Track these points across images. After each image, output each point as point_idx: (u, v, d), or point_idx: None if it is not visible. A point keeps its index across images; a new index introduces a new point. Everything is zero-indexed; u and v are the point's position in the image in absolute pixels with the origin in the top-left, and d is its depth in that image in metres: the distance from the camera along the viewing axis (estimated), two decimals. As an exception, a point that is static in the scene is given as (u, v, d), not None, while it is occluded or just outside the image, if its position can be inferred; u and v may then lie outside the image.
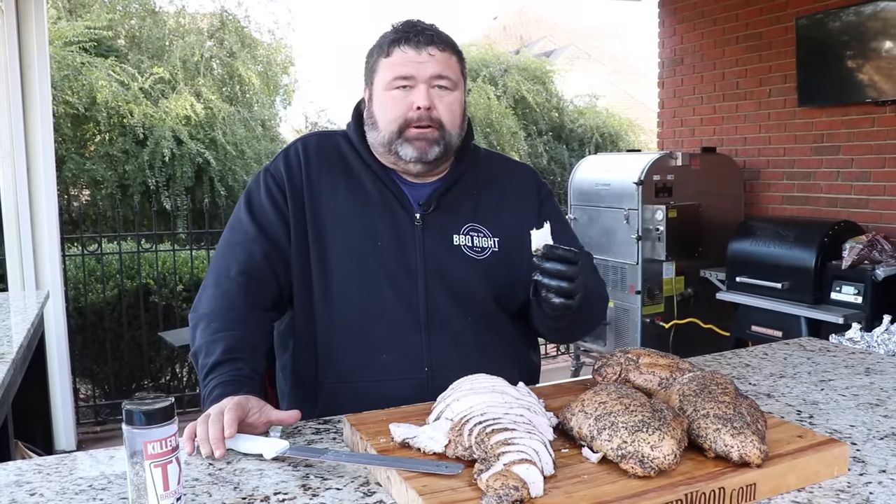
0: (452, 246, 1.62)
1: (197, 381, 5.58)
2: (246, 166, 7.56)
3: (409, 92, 1.54)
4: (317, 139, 1.70)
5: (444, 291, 1.59)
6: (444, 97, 1.56)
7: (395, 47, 1.55)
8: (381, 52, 1.57)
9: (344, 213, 1.60)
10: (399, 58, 1.54)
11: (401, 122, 1.55)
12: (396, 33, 1.57)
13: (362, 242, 1.58)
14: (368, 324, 1.57)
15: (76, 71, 6.87)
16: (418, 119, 1.54)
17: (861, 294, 3.87)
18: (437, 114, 1.55)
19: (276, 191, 1.62)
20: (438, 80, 1.55)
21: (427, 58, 1.54)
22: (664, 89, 6.01)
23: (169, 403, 1.02)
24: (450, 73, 1.57)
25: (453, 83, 1.58)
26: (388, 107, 1.56)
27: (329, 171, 1.64)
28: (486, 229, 1.65)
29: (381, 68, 1.57)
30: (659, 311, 4.80)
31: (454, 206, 1.64)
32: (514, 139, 8.98)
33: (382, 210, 1.61)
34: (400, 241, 1.59)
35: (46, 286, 4.11)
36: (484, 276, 1.62)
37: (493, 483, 0.98)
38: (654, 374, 1.37)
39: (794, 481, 1.10)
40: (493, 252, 1.64)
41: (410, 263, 1.59)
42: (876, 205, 4.46)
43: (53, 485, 1.17)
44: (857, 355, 1.90)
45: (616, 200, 4.91)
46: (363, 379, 1.56)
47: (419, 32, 1.56)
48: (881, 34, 4.24)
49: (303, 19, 31.96)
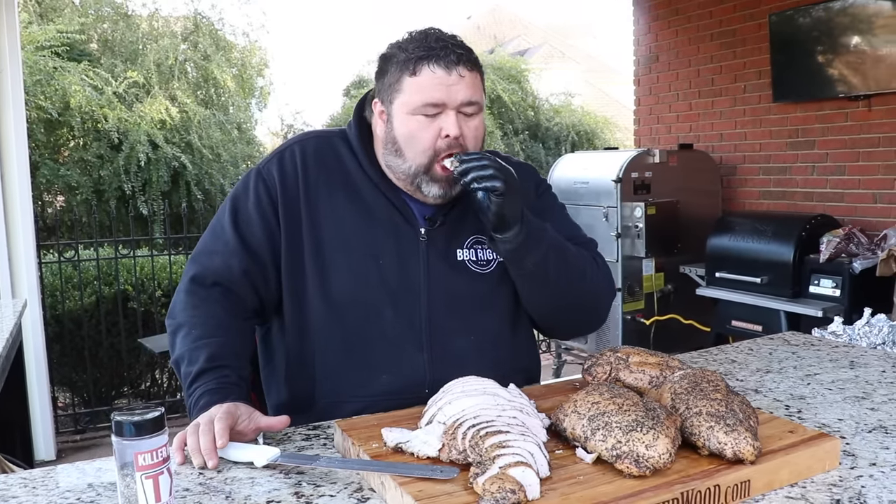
0: (456, 262, 1.56)
1: (178, 387, 5.54)
2: (222, 169, 7.52)
3: (437, 119, 1.45)
4: (315, 143, 1.60)
5: (447, 309, 1.53)
6: (470, 122, 1.48)
7: (423, 66, 1.43)
8: (406, 68, 1.45)
9: (343, 228, 1.52)
10: (428, 79, 1.43)
11: (430, 154, 1.47)
12: (423, 49, 1.44)
13: (363, 260, 1.51)
14: (369, 343, 1.51)
15: (48, 76, 6.80)
16: (447, 147, 1.46)
17: (839, 287, 3.91)
18: (463, 141, 1.46)
19: (265, 200, 1.53)
20: (468, 106, 1.46)
21: (457, 80, 1.44)
22: (640, 87, 6.04)
23: (159, 414, 1.00)
24: (478, 96, 1.48)
25: (479, 106, 1.50)
26: (416, 135, 1.46)
27: (328, 181, 1.55)
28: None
29: (405, 88, 1.45)
30: (639, 308, 4.83)
31: (460, 219, 1.57)
32: (491, 139, 8.99)
33: (385, 225, 1.53)
34: (402, 258, 1.52)
35: (23, 294, 4.05)
36: (487, 290, 1.57)
37: (489, 487, 0.98)
38: (644, 372, 1.37)
39: (788, 476, 1.11)
40: (499, 263, 1.57)
41: (413, 281, 1.52)
42: (851, 198, 4.52)
43: (40, 499, 1.15)
44: (840, 349, 1.92)
45: (594, 198, 4.92)
46: (362, 398, 1.50)
47: (448, 50, 1.44)
48: (850, 29, 4.29)
49: (277, 21, 31.83)
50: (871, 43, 4.20)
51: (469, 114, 1.47)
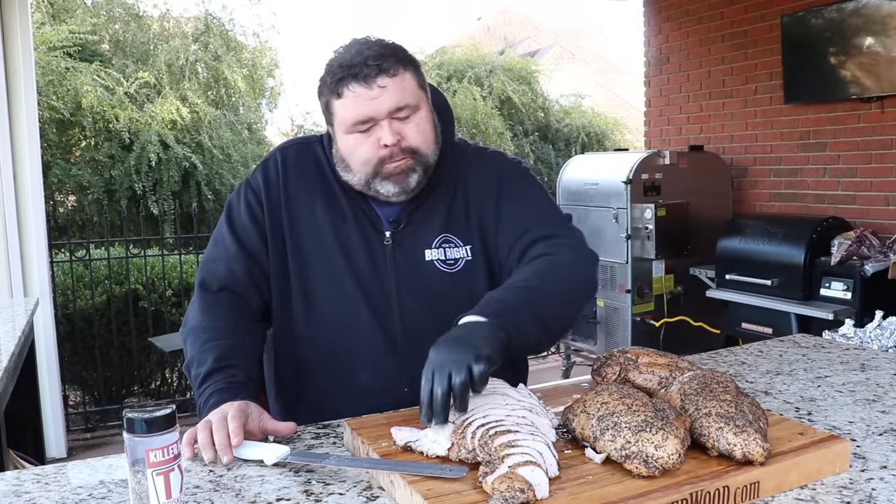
0: (424, 262, 1.56)
1: (188, 386, 5.57)
2: (233, 170, 7.53)
3: (372, 131, 1.46)
4: (296, 150, 1.64)
5: (420, 309, 1.54)
6: (409, 123, 1.47)
7: (343, 87, 1.44)
8: (332, 92, 1.46)
9: (321, 232, 1.56)
10: (351, 99, 1.44)
11: (374, 164, 1.48)
12: (342, 69, 1.45)
13: (338, 262, 1.55)
14: (346, 344, 1.55)
15: (60, 76, 6.82)
16: (391, 156, 1.46)
17: (850, 290, 3.89)
18: (406, 143, 1.47)
19: (254, 204, 1.59)
20: (398, 112, 1.45)
21: (379, 91, 1.43)
22: (650, 88, 6.03)
23: (170, 411, 1.01)
24: (408, 98, 1.46)
25: (414, 106, 1.48)
26: (355, 151, 1.48)
27: (307, 186, 1.59)
28: (456, 238, 1.58)
29: (336, 110, 1.48)
30: (649, 310, 4.82)
31: (425, 219, 1.58)
32: (501, 140, 8.98)
33: (355, 229, 1.57)
34: (372, 261, 1.55)
35: (35, 293, 4.08)
36: (459, 289, 1.55)
37: (498, 486, 0.98)
38: (653, 373, 1.37)
39: (797, 479, 1.10)
40: (467, 261, 1.58)
41: (383, 283, 1.55)
42: (863, 200, 4.49)
43: (53, 494, 1.16)
44: (851, 351, 1.91)
45: (605, 200, 4.92)
46: (343, 396, 1.54)
47: (365, 65, 1.43)
48: (863, 30, 4.27)
49: (287, 22, 31.82)
50: (884, 44, 4.18)
51: (404, 117, 1.47)
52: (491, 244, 1.59)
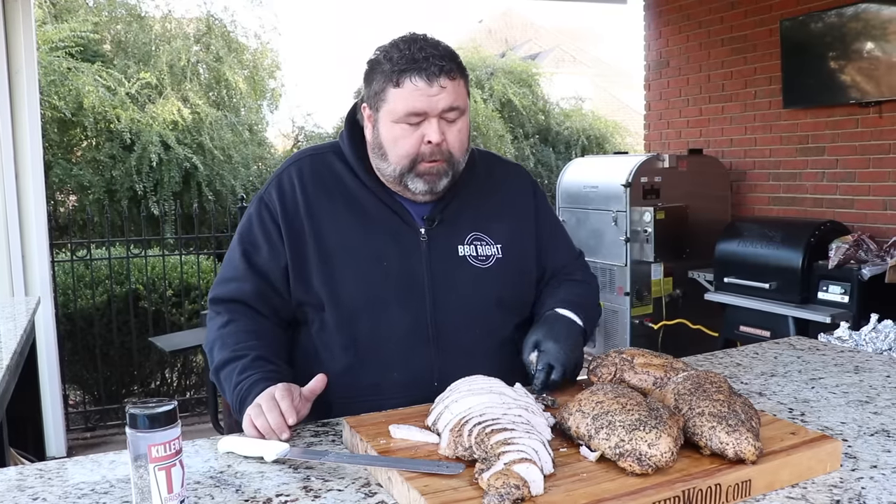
0: (458, 257, 1.61)
1: (188, 385, 5.58)
2: (233, 171, 7.54)
3: (420, 126, 1.51)
4: (310, 162, 1.66)
5: (452, 305, 1.58)
6: (453, 127, 1.53)
7: (405, 78, 1.48)
8: (390, 80, 1.50)
9: (347, 236, 1.58)
10: (410, 91, 1.48)
11: (413, 157, 1.53)
12: (406, 62, 1.49)
13: (368, 264, 1.57)
14: (379, 343, 1.56)
15: (62, 76, 6.84)
16: (430, 154, 1.52)
17: (848, 293, 3.91)
18: (447, 146, 1.53)
19: (268, 221, 1.61)
20: (450, 112, 1.51)
21: (439, 90, 1.48)
22: (650, 92, 6.05)
23: (172, 407, 1.03)
24: (459, 102, 1.52)
25: (462, 110, 1.54)
26: (400, 141, 1.52)
27: (328, 195, 1.61)
28: (487, 237, 1.64)
29: (390, 98, 1.51)
30: (648, 313, 4.83)
31: (457, 216, 1.63)
32: (501, 142, 8.99)
33: (386, 229, 1.59)
34: (406, 258, 1.58)
35: (36, 292, 4.09)
36: (490, 284, 1.61)
37: (494, 482, 1.00)
38: (648, 373, 1.39)
39: (788, 477, 1.12)
40: (498, 259, 1.63)
41: (417, 280, 1.57)
42: (861, 205, 4.51)
43: (55, 489, 1.17)
44: (845, 354, 1.93)
45: (604, 202, 4.94)
46: (375, 396, 1.54)
47: (429, 62, 1.48)
48: (863, 35, 4.29)
49: (289, 23, 31.82)
50: (883, 49, 4.19)
51: (451, 119, 1.53)
52: (528, 249, 1.69)
